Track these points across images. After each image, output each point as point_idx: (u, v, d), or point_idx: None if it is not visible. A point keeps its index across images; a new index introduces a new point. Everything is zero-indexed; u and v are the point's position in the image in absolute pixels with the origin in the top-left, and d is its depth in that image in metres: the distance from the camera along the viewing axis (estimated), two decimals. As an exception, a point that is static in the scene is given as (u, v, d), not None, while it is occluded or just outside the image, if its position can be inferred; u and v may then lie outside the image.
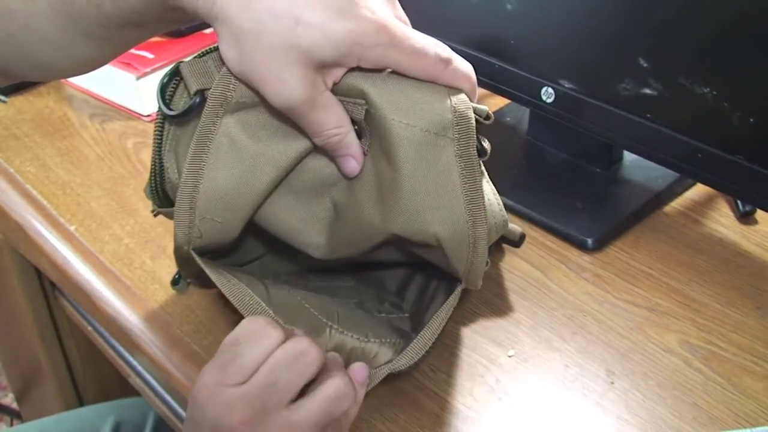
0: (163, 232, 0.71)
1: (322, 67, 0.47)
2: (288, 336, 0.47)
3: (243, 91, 0.49)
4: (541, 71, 0.70)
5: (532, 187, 0.75)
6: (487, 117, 0.51)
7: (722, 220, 0.71)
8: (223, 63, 0.48)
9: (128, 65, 0.86)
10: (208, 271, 0.52)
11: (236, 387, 0.44)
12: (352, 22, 0.45)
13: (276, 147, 0.51)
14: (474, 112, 0.50)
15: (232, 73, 0.48)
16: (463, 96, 0.49)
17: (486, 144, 0.51)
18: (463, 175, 0.49)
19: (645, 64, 0.62)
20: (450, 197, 0.49)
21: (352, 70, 0.48)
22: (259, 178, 0.51)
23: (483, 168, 0.54)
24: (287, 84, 0.46)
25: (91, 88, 0.92)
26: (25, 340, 1.02)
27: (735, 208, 0.72)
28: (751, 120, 0.58)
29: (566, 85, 0.69)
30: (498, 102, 0.88)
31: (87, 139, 0.85)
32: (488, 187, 0.54)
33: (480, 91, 0.89)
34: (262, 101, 0.49)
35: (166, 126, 0.53)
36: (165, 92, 0.52)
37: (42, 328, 0.97)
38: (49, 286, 0.94)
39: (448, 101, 0.48)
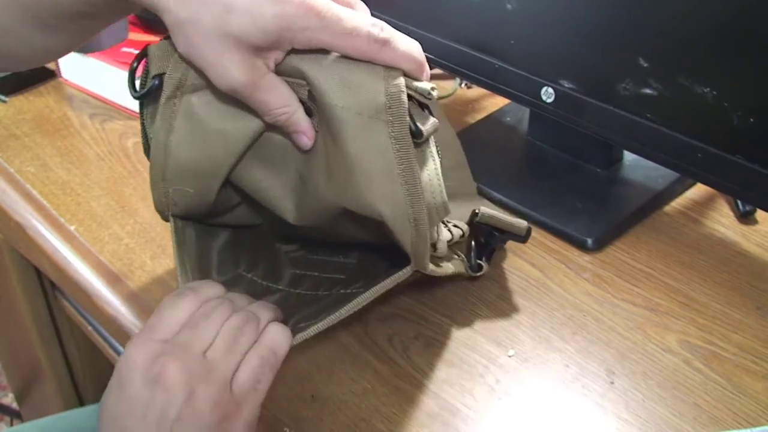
0: (162, 232, 0.71)
1: (259, 50, 0.48)
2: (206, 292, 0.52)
3: (196, 74, 0.52)
4: (541, 71, 0.70)
5: (532, 187, 0.75)
6: (429, 95, 0.50)
7: (722, 220, 0.71)
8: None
9: (128, 65, 0.86)
10: (174, 249, 0.57)
11: (163, 342, 0.47)
12: (278, 5, 0.46)
13: (236, 124, 0.53)
14: (416, 91, 0.50)
15: (182, 57, 0.50)
16: (399, 79, 0.49)
17: (425, 125, 0.50)
18: (399, 157, 0.49)
19: (645, 64, 0.62)
20: (388, 178, 0.50)
21: (293, 51, 0.49)
22: (221, 153, 0.54)
23: (433, 149, 0.53)
24: (227, 69, 0.47)
25: (91, 88, 0.92)
26: (25, 340, 1.02)
27: (735, 208, 0.72)
28: (751, 120, 0.58)
29: (566, 85, 0.69)
30: (498, 102, 0.88)
31: (87, 139, 0.85)
32: (432, 167, 0.53)
33: (480, 91, 0.90)
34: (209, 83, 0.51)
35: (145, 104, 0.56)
36: (134, 75, 0.55)
37: (42, 328, 0.97)
38: (49, 286, 0.94)
39: (382, 84, 0.48)
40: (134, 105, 0.88)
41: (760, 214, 0.71)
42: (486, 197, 0.73)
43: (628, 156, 0.77)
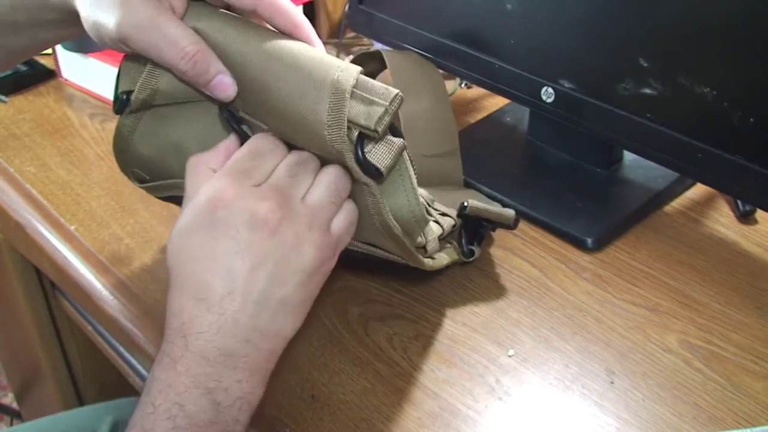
0: (163, 232, 0.71)
1: None
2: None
3: (163, 95, 0.54)
4: (541, 71, 0.70)
5: (532, 186, 0.75)
6: (373, 131, 0.47)
7: (722, 220, 0.71)
8: (148, 62, 0.52)
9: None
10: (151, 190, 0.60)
11: (257, 186, 0.49)
12: None
13: (188, 138, 0.56)
14: (364, 128, 0.47)
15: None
16: (341, 129, 0.47)
17: (383, 161, 0.48)
18: (367, 192, 0.50)
19: (645, 64, 0.62)
20: (364, 210, 0.52)
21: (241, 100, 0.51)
22: (176, 168, 0.55)
23: (406, 165, 0.50)
24: (134, 5, 0.49)
25: (91, 87, 0.92)
26: (25, 340, 1.02)
27: (735, 208, 0.72)
28: (751, 120, 0.58)
29: (566, 85, 0.69)
30: (498, 102, 0.88)
31: (87, 139, 0.85)
32: (408, 187, 0.51)
33: (480, 91, 0.90)
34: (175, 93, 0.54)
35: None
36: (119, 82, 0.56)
37: (42, 328, 0.97)
38: (49, 286, 0.95)
39: (325, 131, 0.47)
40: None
41: (760, 214, 0.71)
42: (483, 194, 0.73)
43: (628, 156, 0.77)
